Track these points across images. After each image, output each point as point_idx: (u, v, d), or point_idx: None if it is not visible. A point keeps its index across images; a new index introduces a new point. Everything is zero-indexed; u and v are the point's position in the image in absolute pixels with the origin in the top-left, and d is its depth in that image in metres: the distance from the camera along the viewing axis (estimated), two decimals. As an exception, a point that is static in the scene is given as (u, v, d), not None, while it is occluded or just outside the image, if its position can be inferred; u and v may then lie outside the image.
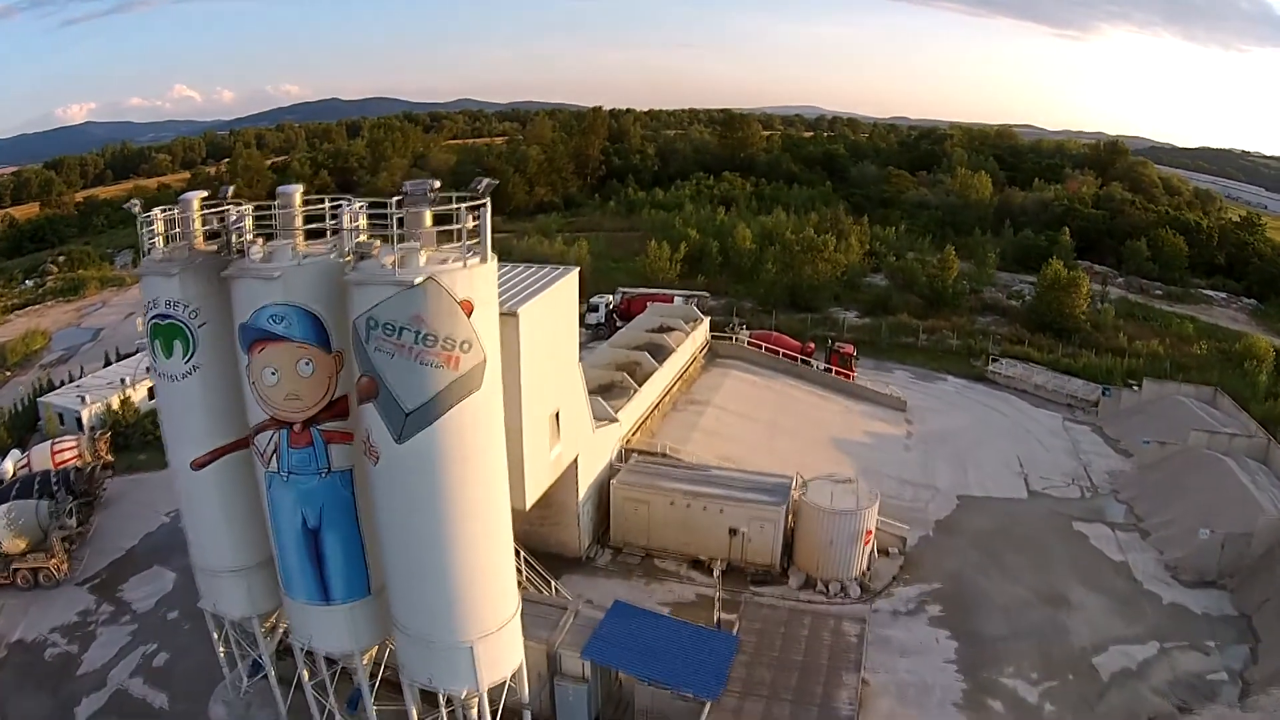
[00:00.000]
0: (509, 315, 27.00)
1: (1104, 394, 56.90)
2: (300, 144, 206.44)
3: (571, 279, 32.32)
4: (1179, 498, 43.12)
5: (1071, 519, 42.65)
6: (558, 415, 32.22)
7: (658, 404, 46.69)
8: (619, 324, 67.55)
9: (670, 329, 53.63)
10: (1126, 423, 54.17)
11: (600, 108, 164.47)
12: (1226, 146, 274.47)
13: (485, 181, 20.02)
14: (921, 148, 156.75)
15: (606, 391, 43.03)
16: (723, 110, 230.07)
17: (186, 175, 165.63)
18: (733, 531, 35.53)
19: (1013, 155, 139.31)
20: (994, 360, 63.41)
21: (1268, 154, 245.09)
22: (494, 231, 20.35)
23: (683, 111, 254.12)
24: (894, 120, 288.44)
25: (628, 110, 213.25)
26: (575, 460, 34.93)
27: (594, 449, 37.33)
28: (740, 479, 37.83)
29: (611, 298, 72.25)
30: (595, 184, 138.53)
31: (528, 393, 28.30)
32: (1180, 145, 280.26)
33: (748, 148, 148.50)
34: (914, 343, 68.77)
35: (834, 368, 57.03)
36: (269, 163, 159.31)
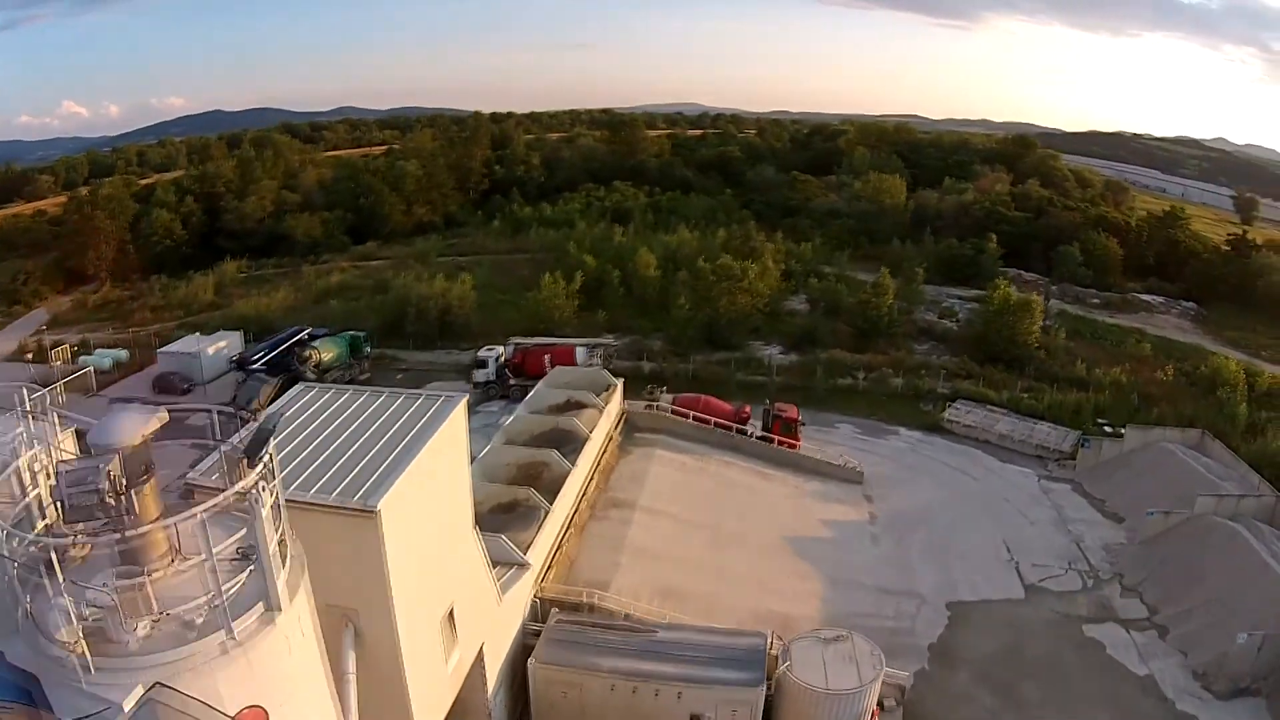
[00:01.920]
0: (365, 514, 17.95)
1: (1083, 445, 49.71)
2: (181, 159, 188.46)
3: (457, 418, 22.75)
4: (1194, 582, 37.33)
5: (1081, 621, 36.47)
6: (452, 613, 22.83)
7: (573, 516, 37.27)
8: (512, 381, 58.63)
9: (580, 405, 44.20)
10: (1111, 479, 47.47)
11: (480, 113, 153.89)
12: (1115, 130, 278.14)
13: (260, 410, 10.79)
14: (816, 145, 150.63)
15: (508, 514, 33.61)
16: (605, 110, 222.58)
17: (63, 199, 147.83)
18: (695, 718, 26.93)
19: (913, 152, 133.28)
20: (949, 405, 56.02)
21: (1158, 135, 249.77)
22: (369, 259, 10.43)
23: (564, 113, 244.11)
24: (775, 114, 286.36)
25: (509, 114, 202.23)
26: (480, 649, 25.55)
27: (502, 623, 27.97)
28: (699, 643, 28.74)
29: (503, 350, 61.99)
30: (478, 199, 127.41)
31: (405, 611, 19.42)
32: (1068, 130, 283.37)
33: (637, 153, 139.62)
34: (853, 385, 60.43)
35: (775, 436, 48.48)
36: (142, 182, 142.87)
